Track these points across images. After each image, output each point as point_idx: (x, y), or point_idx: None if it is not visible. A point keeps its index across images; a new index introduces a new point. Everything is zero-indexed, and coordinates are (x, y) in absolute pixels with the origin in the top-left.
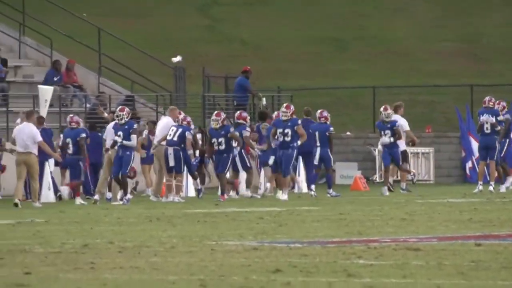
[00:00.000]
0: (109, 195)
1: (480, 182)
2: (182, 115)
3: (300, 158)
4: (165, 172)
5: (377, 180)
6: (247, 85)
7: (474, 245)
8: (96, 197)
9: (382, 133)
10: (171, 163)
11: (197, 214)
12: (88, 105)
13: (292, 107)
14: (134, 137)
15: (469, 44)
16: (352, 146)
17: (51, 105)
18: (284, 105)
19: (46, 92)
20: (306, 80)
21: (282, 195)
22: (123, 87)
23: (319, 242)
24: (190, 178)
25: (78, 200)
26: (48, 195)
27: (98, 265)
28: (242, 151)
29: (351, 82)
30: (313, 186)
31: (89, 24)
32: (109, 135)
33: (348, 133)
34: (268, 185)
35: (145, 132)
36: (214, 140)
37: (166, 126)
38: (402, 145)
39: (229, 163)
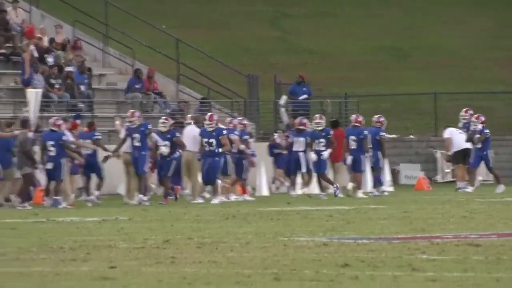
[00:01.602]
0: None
1: None
2: (228, 119)
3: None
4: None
5: (439, 180)
6: (291, 91)
7: None
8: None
9: (316, 141)
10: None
11: (270, 212)
12: (167, 111)
13: (216, 117)
14: (153, 135)
15: None
16: (415, 148)
17: None
18: (208, 115)
19: (31, 95)
20: (370, 87)
21: (213, 200)
22: (200, 94)
23: (385, 238)
24: (264, 178)
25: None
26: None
27: (178, 259)
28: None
29: (411, 89)
30: (370, 187)
31: (168, 35)
32: (186, 138)
33: (411, 136)
34: (350, 185)
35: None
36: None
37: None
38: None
39: (171, 167)
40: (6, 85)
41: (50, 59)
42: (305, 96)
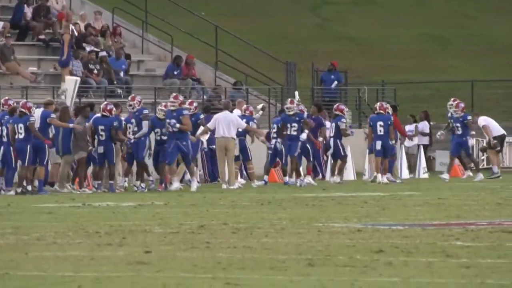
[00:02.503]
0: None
1: None
2: (244, 106)
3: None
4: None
5: (474, 168)
6: (321, 78)
7: None
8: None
9: (289, 125)
10: (237, 152)
11: (305, 198)
12: (205, 97)
13: (181, 97)
14: (145, 123)
15: None
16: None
17: None
18: (173, 95)
19: (70, 82)
20: (410, 75)
21: (173, 184)
22: (237, 80)
23: (420, 224)
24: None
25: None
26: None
27: (213, 244)
28: (338, 140)
29: (451, 77)
30: (388, 174)
31: (207, 22)
32: (222, 123)
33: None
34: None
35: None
36: (157, 130)
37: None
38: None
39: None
40: (45, 71)
41: (87, 46)
42: (335, 83)
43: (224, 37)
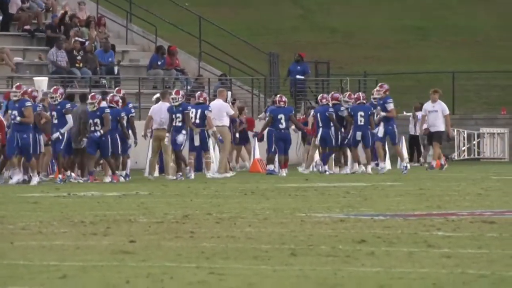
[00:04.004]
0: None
1: None
2: (198, 93)
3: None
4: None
5: (456, 158)
6: (289, 69)
7: None
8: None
9: (174, 116)
10: (196, 143)
11: (288, 188)
12: (188, 87)
13: (24, 87)
14: (69, 116)
15: None
16: None
17: (155, 87)
18: (16, 84)
19: (41, 83)
20: (391, 65)
21: (33, 180)
22: (221, 71)
23: (401, 215)
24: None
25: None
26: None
27: (197, 234)
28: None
29: (432, 68)
30: (326, 166)
31: (191, 13)
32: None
33: None
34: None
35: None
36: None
37: (217, 107)
38: (441, 127)
39: (109, 145)
40: (30, 61)
41: (72, 37)
42: (301, 76)
43: (207, 28)
